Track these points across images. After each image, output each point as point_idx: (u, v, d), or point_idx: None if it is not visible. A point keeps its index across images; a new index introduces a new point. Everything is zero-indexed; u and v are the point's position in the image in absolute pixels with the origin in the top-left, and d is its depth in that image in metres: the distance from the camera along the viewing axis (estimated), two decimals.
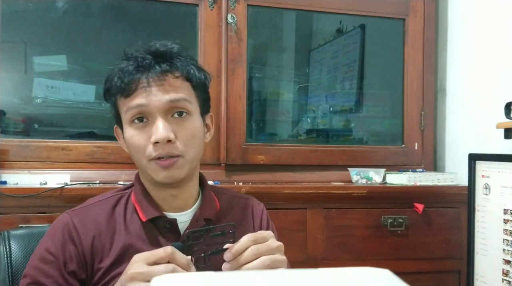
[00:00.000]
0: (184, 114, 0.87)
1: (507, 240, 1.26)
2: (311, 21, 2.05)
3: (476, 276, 1.36)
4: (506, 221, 1.26)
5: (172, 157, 0.84)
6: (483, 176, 1.34)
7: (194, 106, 0.89)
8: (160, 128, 0.83)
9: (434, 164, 1.90)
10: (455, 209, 1.63)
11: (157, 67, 0.86)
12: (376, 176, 1.69)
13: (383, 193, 1.60)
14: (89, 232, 0.87)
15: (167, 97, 0.85)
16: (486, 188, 1.33)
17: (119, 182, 1.46)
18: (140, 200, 0.91)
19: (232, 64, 1.69)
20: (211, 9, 1.69)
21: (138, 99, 0.84)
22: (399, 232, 1.58)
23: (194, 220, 0.91)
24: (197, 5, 1.69)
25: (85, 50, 1.71)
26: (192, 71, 0.90)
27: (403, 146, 1.88)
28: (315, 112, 1.95)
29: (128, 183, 1.04)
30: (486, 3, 1.70)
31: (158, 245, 0.85)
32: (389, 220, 1.57)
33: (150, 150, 0.84)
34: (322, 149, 1.80)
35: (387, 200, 1.59)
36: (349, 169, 1.72)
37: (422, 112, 1.88)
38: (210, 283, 0.30)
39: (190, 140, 0.87)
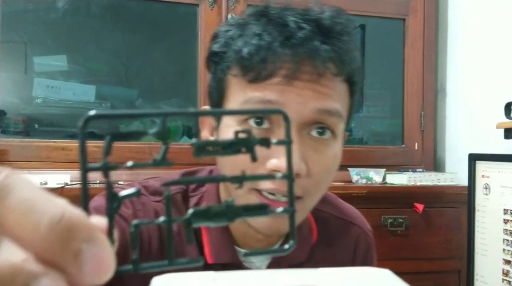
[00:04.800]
0: (328, 133, 0.58)
1: (507, 240, 1.26)
2: None
3: (476, 276, 1.36)
4: (506, 221, 1.26)
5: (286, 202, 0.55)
6: (483, 176, 1.34)
7: (342, 125, 0.61)
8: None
9: (434, 164, 1.90)
10: (455, 209, 1.63)
11: (320, 49, 0.55)
12: (376, 176, 1.69)
13: (383, 193, 1.60)
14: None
15: (318, 104, 0.55)
16: (486, 188, 1.33)
17: (119, 182, 1.46)
18: (210, 228, 0.61)
19: None
20: (211, 9, 1.68)
21: (269, 92, 0.55)
22: (399, 232, 1.57)
23: (275, 265, 0.65)
24: (197, 5, 1.69)
25: (86, 50, 1.71)
26: (358, 67, 0.60)
27: (403, 146, 1.88)
28: None
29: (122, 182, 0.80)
30: (486, 3, 1.70)
31: None
32: (389, 220, 1.56)
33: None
34: None
35: (387, 200, 1.59)
36: (349, 169, 1.72)
37: (422, 112, 1.88)
38: (210, 283, 0.30)
39: (325, 177, 0.59)
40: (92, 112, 0.24)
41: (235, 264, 0.63)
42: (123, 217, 0.60)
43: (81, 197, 0.24)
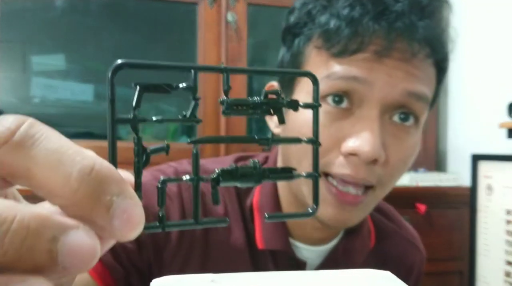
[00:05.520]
0: (411, 120, 0.53)
1: (510, 241, 1.24)
2: None
3: (478, 277, 1.35)
4: (508, 222, 1.25)
5: (363, 187, 0.52)
6: (485, 176, 1.33)
7: (427, 112, 0.56)
8: (370, 137, 0.49)
9: (436, 164, 1.89)
10: (457, 210, 1.61)
11: (418, 25, 0.50)
12: None
13: None
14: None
15: (408, 86, 0.50)
16: (488, 188, 1.32)
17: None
18: (264, 211, 0.58)
19: (232, 63, 1.68)
20: (211, 8, 1.68)
21: (356, 68, 0.50)
22: None
23: (330, 263, 0.61)
24: (196, 3, 1.68)
25: (84, 49, 1.70)
26: (448, 51, 0.57)
27: None
28: None
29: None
30: (489, 1, 1.69)
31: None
32: None
33: (334, 159, 0.50)
34: None
35: (389, 200, 1.57)
36: None
37: None
38: (209, 285, 0.29)
39: (401, 167, 0.55)
40: (120, 61, 0.24)
41: (286, 253, 0.59)
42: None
43: (109, 150, 0.23)
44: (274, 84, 0.63)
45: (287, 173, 0.26)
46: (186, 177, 0.24)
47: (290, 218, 0.33)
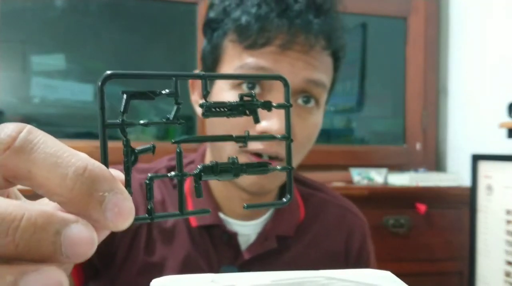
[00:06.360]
0: (312, 102, 0.63)
1: (510, 241, 1.24)
2: None
3: (478, 277, 1.35)
4: (508, 222, 1.25)
5: (273, 158, 0.60)
6: (485, 176, 1.33)
7: (325, 96, 0.66)
8: (278, 118, 0.56)
9: (436, 164, 1.89)
10: (457, 210, 1.61)
11: (313, 22, 0.58)
12: (377, 176, 1.68)
13: (385, 193, 1.59)
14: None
15: (307, 74, 0.60)
16: (488, 188, 1.32)
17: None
18: (194, 192, 0.67)
19: None
20: None
21: (263, 60, 0.59)
22: (400, 233, 1.56)
23: (262, 237, 0.68)
24: (196, 3, 1.68)
25: (84, 49, 1.70)
26: (343, 44, 0.66)
27: (405, 145, 1.87)
28: None
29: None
30: (488, 1, 1.69)
31: (206, 260, 0.66)
32: (391, 221, 1.55)
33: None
34: (323, 148, 1.78)
35: (389, 201, 1.58)
36: (350, 169, 1.71)
37: (424, 112, 1.87)
38: (209, 285, 0.29)
39: (306, 142, 0.64)
40: (109, 72, 0.26)
41: (218, 227, 0.66)
42: None
43: (101, 152, 0.26)
44: (197, 71, 0.69)
45: (263, 166, 0.29)
46: (172, 174, 0.27)
47: (267, 206, 0.38)
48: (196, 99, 0.69)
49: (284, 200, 0.31)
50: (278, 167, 0.31)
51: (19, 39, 1.61)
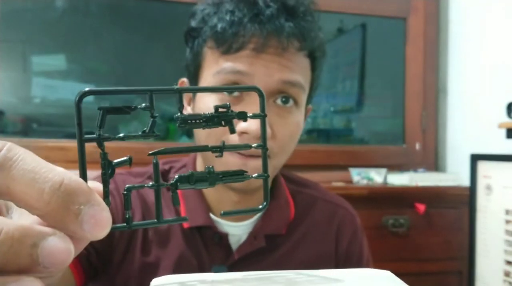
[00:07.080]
0: (291, 102, 0.64)
1: (509, 241, 1.25)
2: None
3: (477, 277, 1.35)
4: (508, 222, 1.25)
5: (257, 157, 0.61)
6: (485, 176, 1.33)
7: (304, 96, 0.67)
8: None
9: (435, 164, 1.89)
10: (456, 210, 1.62)
11: (285, 25, 0.60)
12: (377, 176, 1.68)
13: (384, 193, 1.59)
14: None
15: (282, 76, 0.62)
16: (488, 188, 1.32)
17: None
18: (187, 195, 0.69)
19: None
20: None
21: (239, 64, 0.61)
22: (400, 232, 1.57)
23: (252, 236, 0.70)
24: (196, 3, 1.68)
25: (84, 49, 1.70)
26: (320, 44, 0.67)
27: (404, 145, 1.87)
28: (316, 112, 1.94)
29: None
30: (488, 1, 1.69)
31: (198, 259, 0.68)
32: (390, 221, 1.56)
33: (232, 139, 0.60)
34: (322, 148, 1.79)
35: (388, 201, 1.58)
36: (350, 169, 1.71)
37: (424, 112, 1.87)
38: (209, 285, 0.29)
39: (288, 140, 0.65)
40: (86, 89, 0.27)
41: (209, 228, 0.68)
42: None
43: (79, 165, 0.27)
44: (184, 80, 0.74)
45: (239, 175, 0.30)
46: (149, 184, 0.28)
47: (243, 213, 0.36)
48: (187, 110, 0.71)
49: (260, 206, 0.32)
50: (254, 175, 0.31)
51: (19, 39, 1.61)
